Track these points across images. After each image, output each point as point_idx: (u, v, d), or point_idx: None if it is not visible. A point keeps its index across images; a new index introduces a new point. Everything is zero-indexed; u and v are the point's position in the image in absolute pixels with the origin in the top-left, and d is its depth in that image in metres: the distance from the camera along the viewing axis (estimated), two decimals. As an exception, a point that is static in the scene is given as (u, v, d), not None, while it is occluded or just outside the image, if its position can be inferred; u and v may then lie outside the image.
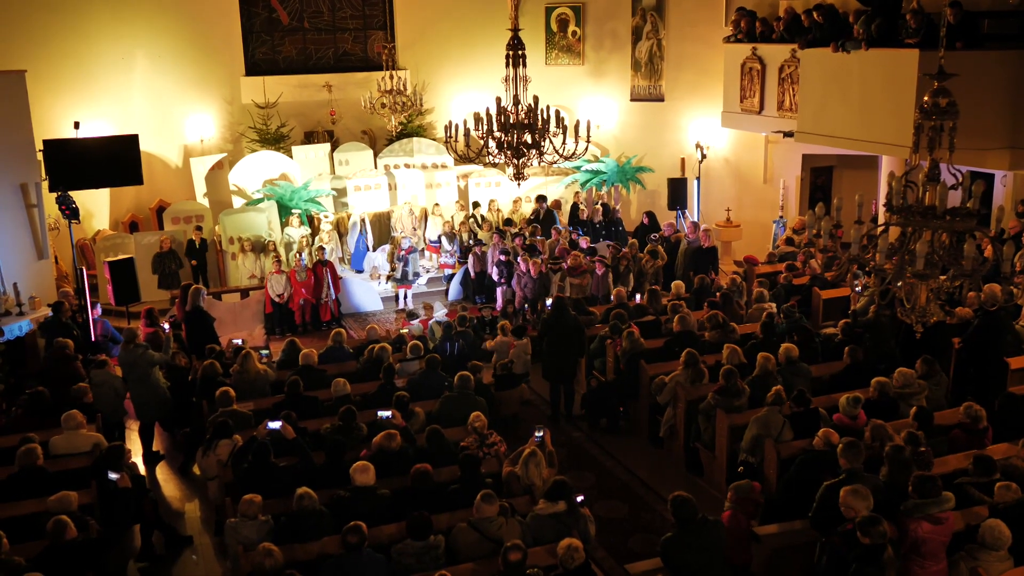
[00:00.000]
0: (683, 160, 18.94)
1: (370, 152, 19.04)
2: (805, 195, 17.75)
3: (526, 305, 14.75)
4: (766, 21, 16.38)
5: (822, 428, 8.01)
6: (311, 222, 17.08)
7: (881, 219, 7.31)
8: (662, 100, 19.22)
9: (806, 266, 13.78)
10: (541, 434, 8.60)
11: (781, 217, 17.31)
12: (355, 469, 7.49)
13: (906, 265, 5.56)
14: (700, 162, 18.49)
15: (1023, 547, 6.53)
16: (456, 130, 11.71)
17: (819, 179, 18.10)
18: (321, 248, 15.74)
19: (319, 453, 8.38)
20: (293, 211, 16.95)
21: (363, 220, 17.49)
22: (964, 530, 6.71)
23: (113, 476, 7.98)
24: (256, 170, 17.94)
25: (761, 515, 8.11)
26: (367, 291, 16.21)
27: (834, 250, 12.15)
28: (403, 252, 15.92)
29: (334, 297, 15.24)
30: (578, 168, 18.90)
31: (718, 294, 12.94)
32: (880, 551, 6.07)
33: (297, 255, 15.43)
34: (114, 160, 14.96)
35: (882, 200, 6.80)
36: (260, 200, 17.24)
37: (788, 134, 15.48)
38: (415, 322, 12.89)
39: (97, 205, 17.53)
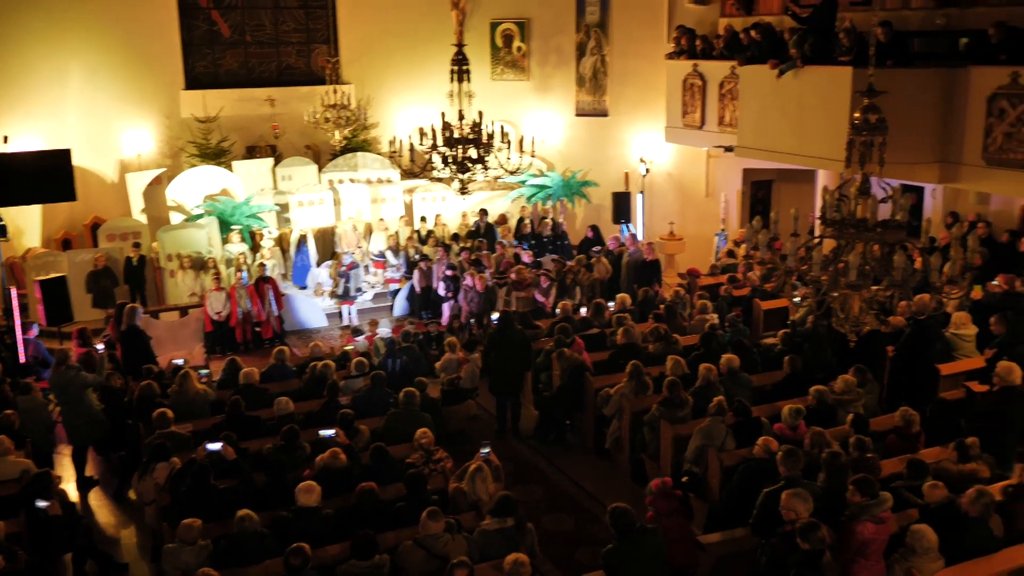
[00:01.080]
0: (627, 174, 19.14)
1: (314, 167, 18.92)
2: (746, 208, 18.05)
3: (472, 320, 14.76)
4: (706, 39, 16.67)
5: (762, 437, 8.15)
6: (253, 238, 16.89)
7: (817, 232, 7.47)
8: (606, 115, 19.43)
9: (747, 278, 14.01)
10: (487, 450, 8.61)
11: (723, 230, 17.58)
12: (299, 489, 7.41)
13: (840, 276, 5.70)
14: (644, 176, 18.71)
15: (954, 546, 6.71)
16: (401, 145, 11.72)
17: (759, 192, 18.42)
18: (262, 265, 15.57)
19: (261, 474, 8.27)
20: (234, 227, 16.75)
21: (306, 236, 17.35)
22: (898, 533, 6.87)
23: (42, 504, 7.77)
24: (196, 185, 17.70)
25: (705, 524, 8.22)
26: (311, 308, 16.08)
27: (773, 262, 12.36)
28: (345, 268, 15.82)
29: (276, 314, 15.07)
30: (523, 182, 19.00)
31: (662, 306, 13.08)
32: (819, 557, 6.19)
33: (237, 272, 15.22)
34: (45, 175, 14.56)
35: (818, 213, 6.97)
36: (200, 216, 17.01)
37: (729, 149, 15.75)
38: (360, 338, 12.81)
39: (28, 222, 17.12)
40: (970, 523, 6.83)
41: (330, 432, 8.83)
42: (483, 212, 18.11)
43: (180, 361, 11.49)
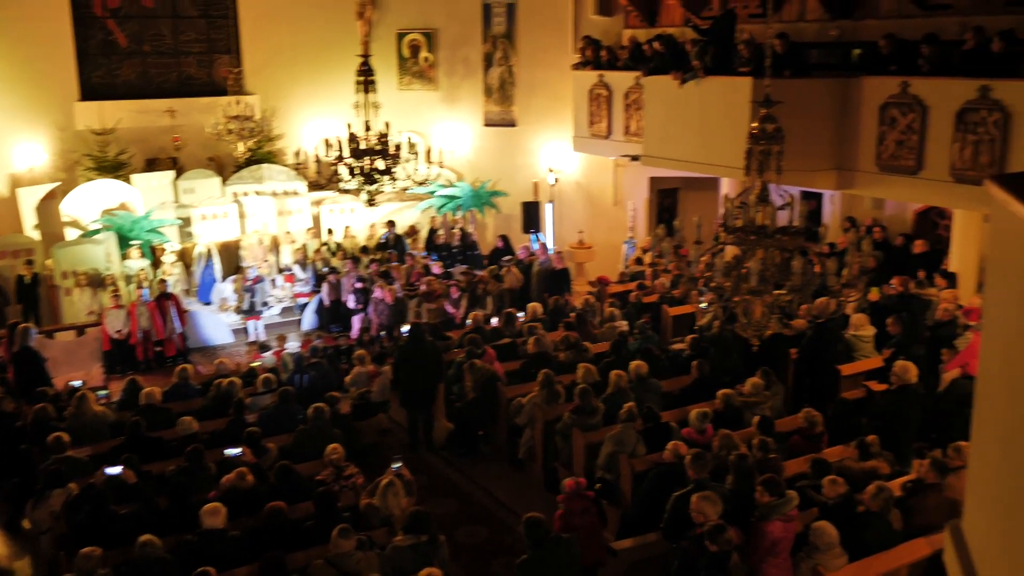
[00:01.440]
0: (536, 184, 19.25)
1: (217, 179, 18.47)
2: (653, 216, 18.33)
3: (382, 332, 14.60)
4: (611, 49, 16.90)
5: (671, 442, 8.25)
6: (153, 253, 16.39)
7: (720, 239, 7.62)
8: (514, 125, 19.51)
9: (655, 285, 14.21)
10: (399, 464, 8.51)
11: (631, 238, 17.82)
12: (204, 511, 7.19)
13: (741, 282, 5.81)
14: (553, 186, 18.84)
15: (856, 541, 6.90)
16: (306, 156, 11.55)
17: (666, 200, 18.74)
18: (163, 280, 15.12)
19: (164, 497, 8.00)
20: (134, 242, 16.22)
21: (210, 250, 16.92)
22: (803, 531, 7.03)
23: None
24: (93, 200, 17.07)
25: (618, 530, 8.28)
26: (216, 324, 15.67)
27: (680, 269, 12.58)
28: (250, 282, 15.49)
29: (179, 331, 14.64)
30: (433, 193, 18.93)
31: (572, 315, 13.17)
32: (727, 558, 6.29)
33: (138, 289, 14.73)
34: (-71, 191, 13.88)
35: (720, 221, 7.10)
36: (97, 231, 16.42)
37: (635, 158, 15.97)
38: (267, 354, 12.54)
39: (-89, 239, 16.29)
40: (871, 519, 7.04)
41: (236, 451, 8.60)
42: (392, 224, 17.97)
43: (77, 383, 11.04)
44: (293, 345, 13.05)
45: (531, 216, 18.56)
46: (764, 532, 6.80)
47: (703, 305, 12.19)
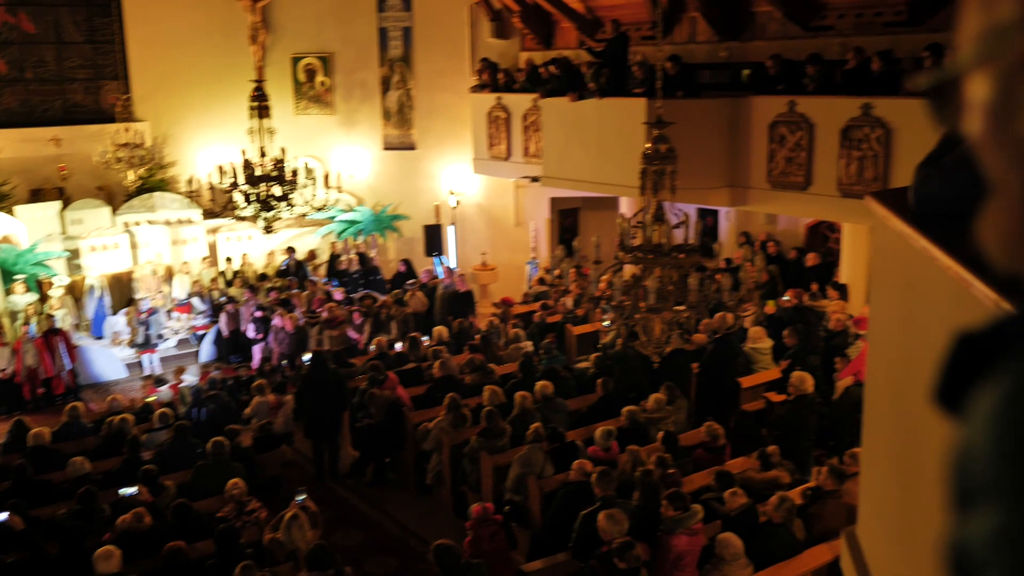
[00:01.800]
0: (438, 207, 19.20)
1: (107, 209, 17.82)
2: (555, 236, 18.48)
3: (284, 362, 14.30)
4: (508, 72, 17.03)
5: (577, 460, 8.28)
6: (40, 288, 15.70)
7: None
8: (414, 148, 19.44)
9: (559, 304, 14.30)
10: (303, 496, 8.32)
11: (534, 258, 17.93)
12: (96, 557, 6.86)
13: (640, 301, 5.88)
14: (454, 208, 18.83)
15: (761, 551, 7.02)
16: (200, 184, 11.26)
17: (567, 220, 18.93)
18: (51, 316, 14.49)
19: (54, 543, 7.62)
20: (18, 276, 15.50)
21: (101, 282, 16.30)
22: (709, 544, 7.12)
23: None
24: (-27, 234, 16.29)
25: (528, 551, 8.25)
26: (108, 359, 15.08)
27: (582, 288, 12.68)
28: (143, 314, 14.98)
29: (69, 368, 14.03)
30: (333, 218, 18.68)
31: (477, 337, 13.14)
32: (636, 575, 6.32)
33: (24, 325, 14.08)
34: None
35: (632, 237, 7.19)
36: (-21, 267, 15.66)
37: (535, 179, 16.09)
38: (164, 388, 12.14)
39: None
40: (775, 528, 7.18)
41: (131, 490, 8.26)
42: (291, 250, 17.65)
43: (-43, 426, 10.47)
44: (191, 378, 12.65)
45: (433, 239, 18.50)
46: (670, 546, 6.87)
47: (606, 323, 12.34)
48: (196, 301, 16.34)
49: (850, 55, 11.69)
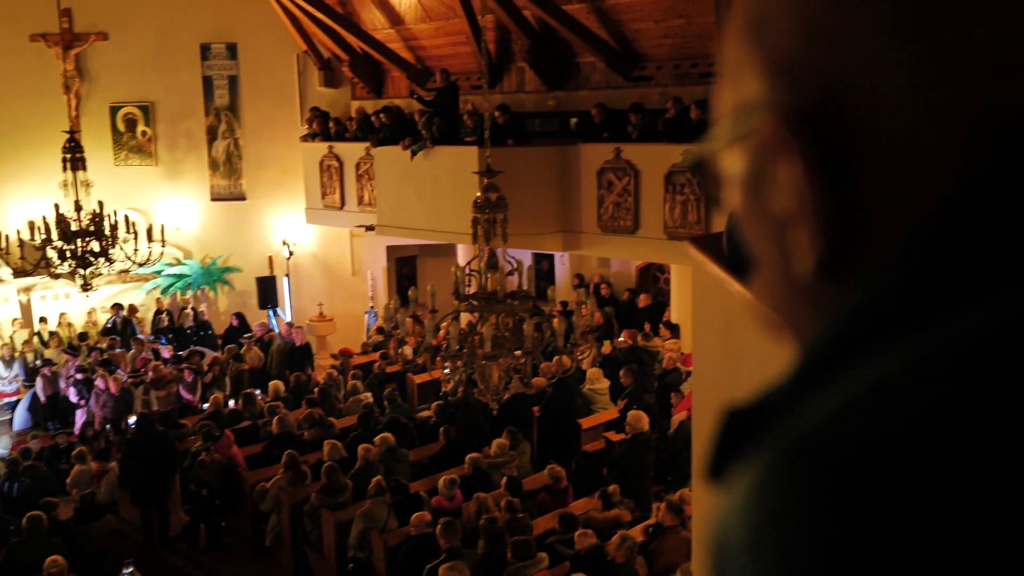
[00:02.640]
0: (271, 258, 18.72)
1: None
2: (393, 285, 18.36)
3: (108, 426, 13.47)
4: (339, 121, 16.91)
5: (417, 513, 8.17)
6: None
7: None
8: (244, 199, 18.91)
9: (398, 353, 14.15)
10: (130, 568, 7.83)
11: (372, 307, 17.72)
12: None
13: (477, 348, 5.88)
14: (288, 259, 18.41)
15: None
16: (8, 241, 10.55)
17: (404, 268, 18.86)
18: None
19: None
20: None
21: None
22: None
23: None
24: None
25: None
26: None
27: (420, 337, 12.63)
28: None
29: None
30: (159, 272, 17.87)
31: (315, 390, 12.82)
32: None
33: None
34: None
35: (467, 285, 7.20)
36: None
37: (370, 228, 15.97)
38: (-30, 462, 11.18)
39: None
40: (617, 568, 7.27)
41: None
42: (117, 307, 16.76)
43: None
44: (1, 449, 11.72)
45: (267, 291, 18.00)
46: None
47: (447, 371, 12.30)
48: (2, 368, 15.15)
49: (670, 104, 12.25)
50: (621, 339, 13.07)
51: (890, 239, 0.46)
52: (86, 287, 10.64)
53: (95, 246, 10.33)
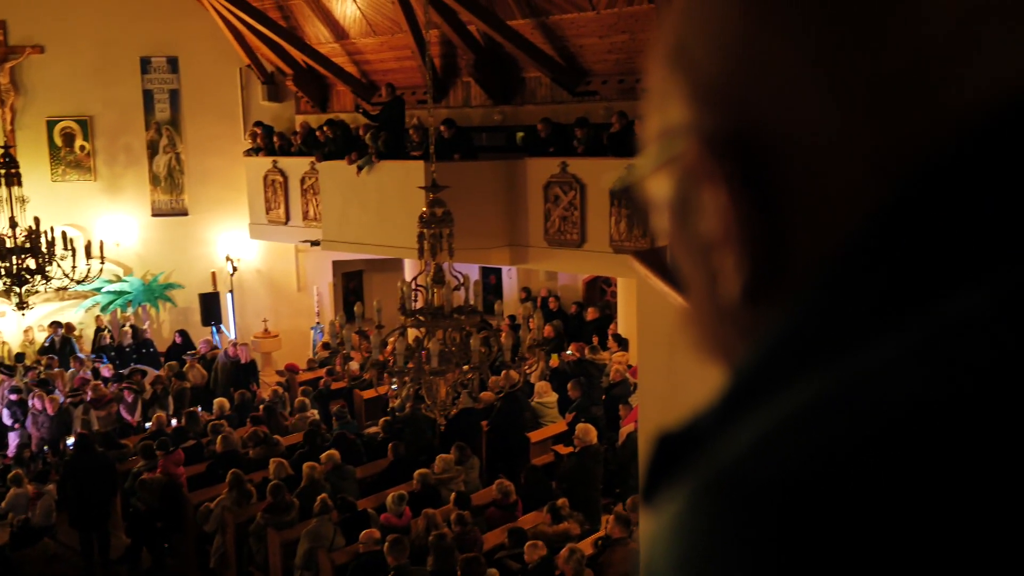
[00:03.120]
0: (214, 274, 18.44)
1: None
2: (339, 300, 18.22)
3: (45, 447, 13.12)
4: (284, 135, 16.76)
5: (365, 530, 8.10)
6: None
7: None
8: (186, 214, 18.63)
9: (344, 369, 14.03)
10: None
11: (318, 323, 17.55)
12: None
13: (424, 364, 5.86)
14: (232, 275, 18.16)
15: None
16: (-61, 258, 10.26)
17: (351, 283, 18.72)
18: None
19: None
20: None
21: None
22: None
23: None
24: None
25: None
26: None
27: (367, 352, 12.55)
28: None
29: None
30: (99, 289, 17.49)
31: (261, 407, 12.64)
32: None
33: None
34: None
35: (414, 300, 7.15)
36: None
37: (315, 243, 15.83)
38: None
39: None
40: (567, 581, 7.27)
41: None
42: (55, 325, 16.36)
43: None
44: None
45: (211, 308, 17.73)
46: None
47: (394, 387, 12.23)
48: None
49: (615, 119, 12.36)
50: (569, 352, 13.11)
51: (812, 264, 0.46)
52: (22, 305, 10.38)
53: (31, 263, 10.09)
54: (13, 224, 10.03)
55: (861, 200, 0.45)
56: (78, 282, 10.45)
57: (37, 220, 10.15)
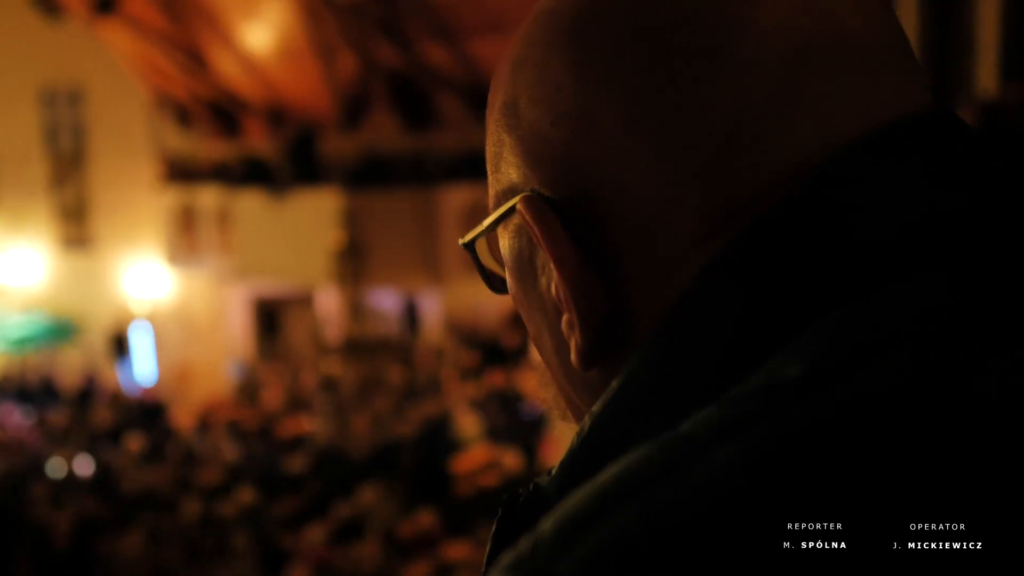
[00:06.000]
0: (125, 310, 17.92)
1: None
2: (257, 333, 17.86)
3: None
4: (194, 167, 16.46)
5: (286, 568, 7.93)
6: None
7: (320, 355, 7.56)
8: (94, 249, 18.09)
9: (262, 404, 13.77)
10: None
11: (235, 358, 17.17)
12: None
13: (343, 396, 5.78)
14: (144, 311, 17.67)
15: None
16: None
17: (267, 317, 18.37)
18: None
19: None
20: None
21: None
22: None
23: None
24: None
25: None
26: None
27: (286, 386, 12.36)
28: None
29: None
30: None
31: (174, 447, 12.28)
32: None
33: None
34: None
35: (319, 337, 7.05)
36: None
37: (230, 275, 15.55)
38: None
39: None
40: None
41: None
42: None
43: None
44: None
45: (121, 346, 17.20)
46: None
47: (314, 421, 12.06)
48: None
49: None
50: (490, 380, 13.07)
51: (646, 326, 0.46)
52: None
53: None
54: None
55: (691, 260, 0.44)
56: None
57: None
